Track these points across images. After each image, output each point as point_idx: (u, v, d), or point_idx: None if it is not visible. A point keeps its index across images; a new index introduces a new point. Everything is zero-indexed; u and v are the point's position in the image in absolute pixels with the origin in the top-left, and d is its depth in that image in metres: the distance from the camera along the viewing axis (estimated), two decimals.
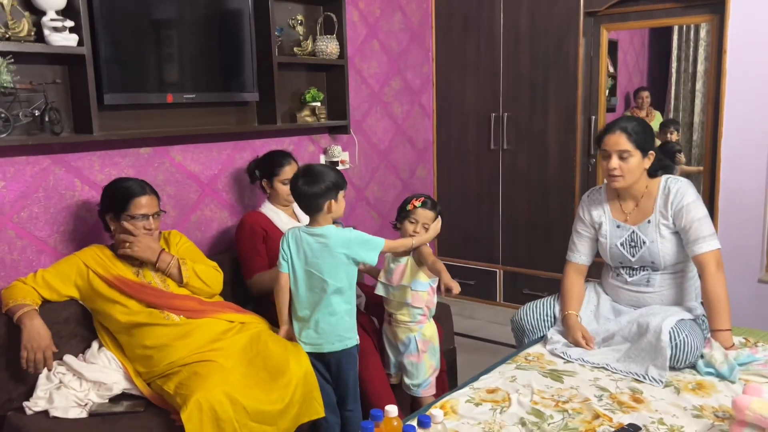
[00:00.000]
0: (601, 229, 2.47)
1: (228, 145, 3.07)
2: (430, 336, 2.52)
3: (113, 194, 2.32)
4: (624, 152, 2.27)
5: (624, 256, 2.40)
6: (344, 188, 2.28)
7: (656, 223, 2.34)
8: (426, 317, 2.51)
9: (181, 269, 2.35)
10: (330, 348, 2.27)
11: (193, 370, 2.15)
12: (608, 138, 2.30)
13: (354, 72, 3.65)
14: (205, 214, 3.01)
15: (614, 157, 2.28)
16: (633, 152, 2.27)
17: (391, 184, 4.00)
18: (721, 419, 1.80)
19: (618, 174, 2.29)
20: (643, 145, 2.28)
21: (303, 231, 2.25)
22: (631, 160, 2.27)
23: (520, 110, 3.92)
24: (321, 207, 2.21)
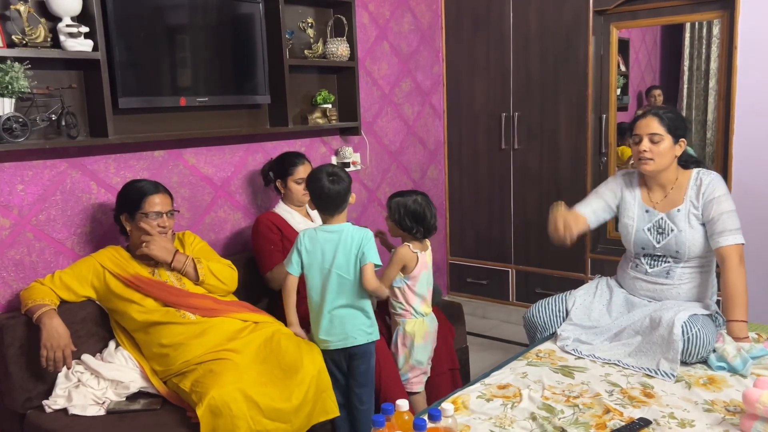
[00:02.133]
0: (627, 211, 2.48)
1: (240, 148, 3.11)
2: (410, 331, 2.54)
3: (128, 194, 2.37)
4: (655, 135, 2.29)
5: (648, 242, 2.42)
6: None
7: (686, 212, 2.35)
8: (409, 313, 2.55)
9: (197, 268, 2.39)
10: (353, 342, 2.31)
11: (208, 368, 2.18)
12: (641, 122, 2.34)
13: (364, 74, 3.68)
14: (218, 215, 3.05)
15: (645, 139, 2.31)
16: (664, 136, 2.29)
17: (402, 184, 4.02)
18: (732, 413, 1.80)
19: (648, 156, 2.31)
20: (675, 131, 2.30)
21: (319, 230, 2.29)
22: (662, 144, 2.30)
23: (531, 110, 3.92)
24: (345, 204, 2.30)
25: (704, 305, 2.34)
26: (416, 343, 2.56)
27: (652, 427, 1.74)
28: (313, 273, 2.29)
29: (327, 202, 2.29)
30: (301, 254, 2.27)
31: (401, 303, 2.56)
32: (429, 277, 2.63)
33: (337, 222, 2.32)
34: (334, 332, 2.32)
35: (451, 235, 4.40)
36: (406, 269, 2.53)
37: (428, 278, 2.63)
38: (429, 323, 2.61)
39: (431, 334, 2.61)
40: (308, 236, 2.28)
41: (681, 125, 2.35)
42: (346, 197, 2.31)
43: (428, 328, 2.60)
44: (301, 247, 2.27)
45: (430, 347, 2.62)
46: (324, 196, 2.28)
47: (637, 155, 2.36)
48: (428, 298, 2.63)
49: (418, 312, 2.58)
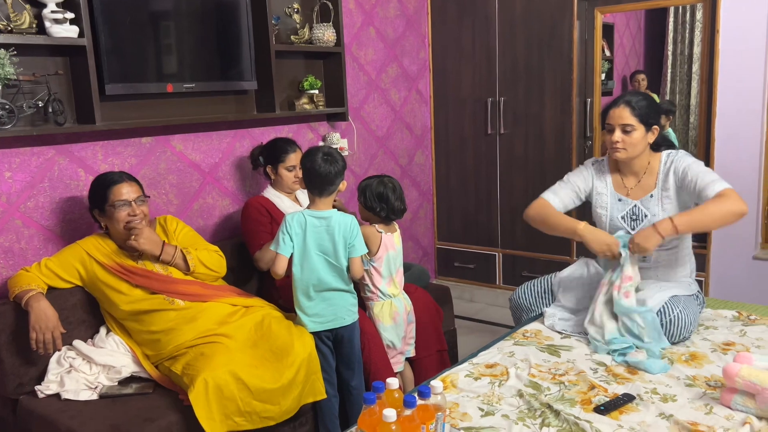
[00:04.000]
0: (600, 201, 2.49)
1: (228, 134, 3.11)
2: (378, 313, 2.58)
3: (94, 189, 2.36)
4: (627, 126, 2.29)
5: (623, 230, 2.43)
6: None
7: (659, 197, 2.36)
8: (376, 295, 2.59)
9: (187, 259, 2.40)
10: (342, 323, 2.37)
11: (199, 351, 2.20)
12: (612, 111, 2.34)
13: (351, 59, 3.69)
14: (207, 202, 3.05)
15: (617, 130, 2.31)
16: (636, 126, 2.29)
17: (390, 170, 4.04)
18: (712, 388, 1.86)
19: (621, 147, 2.32)
20: (647, 119, 2.30)
21: (308, 215, 2.31)
22: (634, 134, 2.30)
23: (517, 94, 3.95)
24: (334, 188, 2.33)
25: (685, 285, 2.38)
26: (385, 324, 2.60)
27: (636, 402, 1.79)
28: (302, 257, 2.31)
29: (317, 181, 2.31)
30: (292, 237, 2.29)
31: (368, 285, 2.59)
32: (396, 258, 2.65)
33: (323, 205, 2.34)
34: (324, 313, 2.36)
35: (438, 220, 4.43)
36: (369, 250, 2.55)
37: (395, 260, 2.65)
38: (398, 304, 2.63)
39: (401, 315, 2.64)
40: (297, 221, 2.30)
41: (653, 113, 2.34)
42: (337, 180, 2.33)
43: (397, 309, 2.63)
44: (291, 231, 2.28)
45: (401, 328, 2.64)
46: (315, 174, 2.30)
47: (610, 145, 2.36)
48: (397, 279, 2.66)
49: (386, 294, 2.61)
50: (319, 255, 2.31)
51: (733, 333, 2.26)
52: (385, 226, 2.61)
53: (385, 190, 2.57)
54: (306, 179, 2.34)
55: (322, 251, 2.31)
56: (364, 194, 2.58)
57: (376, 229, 2.57)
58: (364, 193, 2.59)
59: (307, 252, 2.30)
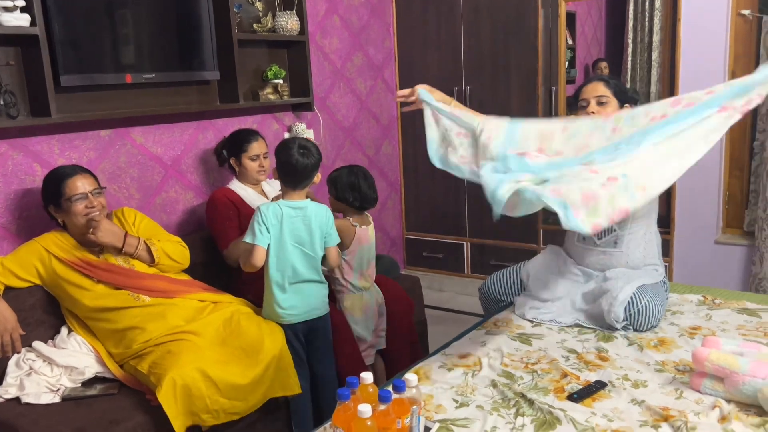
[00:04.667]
0: None
1: (190, 125, 3.04)
2: (348, 307, 2.57)
3: (47, 185, 2.28)
4: (602, 97, 2.30)
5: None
6: None
7: None
8: (347, 288, 2.57)
9: (151, 250, 2.33)
10: (316, 314, 2.34)
11: (167, 349, 2.15)
12: (586, 87, 2.35)
13: (315, 48, 3.63)
14: (170, 195, 2.98)
15: (593, 102, 2.32)
16: (610, 99, 2.30)
17: (357, 161, 4.00)
18: (682, 372, 1.88)
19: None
20: (620, 95, 2.32)
21: (284, 205, 2.27)
22: (608, 107, 2.30)
23: (482, 83, 3.95)
24: (309, 181, 2.30)
25: (652, 273, 2.40)
26: (355, 317, 2.58)
27: (608, 389, 1.80)
28: (277, 248, 2.27)
29: (292, 175, 2.27)
30: (269, 228, 2.24)
31: (338, 278, 2.57)
32: (369, 251, 2.64)
33: (298, 197, 2.31)
34: (298, 305, 2.32)
35: (406, 210, 4.41)
36: (342, 244, 2.53)
37: (368, 253, 2.63)
38: (369, 297, 2.63)
39: (372, 308, 2.63)
40: (273, 212, 2.25)
41: (625, 91, 2.37)
42: (312, 173, 2.30)
43: (368, 302, 2.62)
44: (267, 222, 2.24)
45: (371, 321, 2.64)
46: (290, 168, 2.26)
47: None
48: (368, 273, 2.64)
49: (356, 287, 2.59)
50: (295, 246, 2.27)
51: (699, 317, 2.29)
52: (359, 219, 2.58)
53: (356, 180, 2.55)
54: (281, 173, 2.29)
55: (298, 242, 2.28)
56: (335, 185, 2.55)
57: (350, 223, 2.54)
58: (335, 185, 2.55)
59: (283, 243, 2.26)
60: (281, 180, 2.33)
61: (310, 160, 2.28)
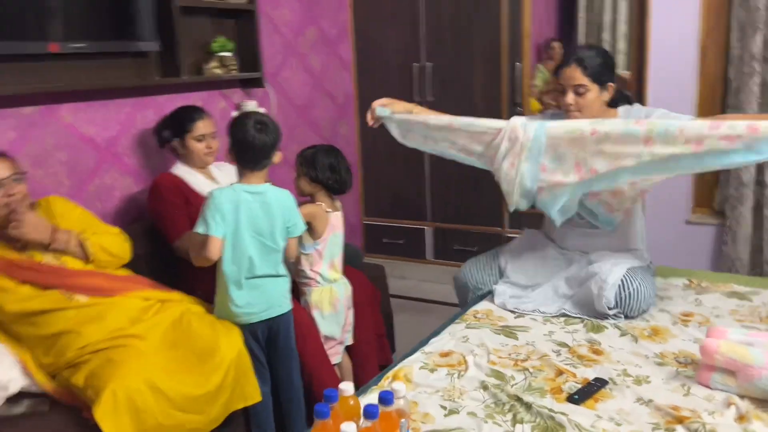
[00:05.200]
0: None
1: (127, 103, 2.71)
2: (316, 300, 2.36)
3: None
4: (579, 87, 2.14)
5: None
6: None
7: None
8: (314, 281, 2.36)
9: (85, 245, 2.03)
10: (278, 311, 2.11)
11: (106, 356, 1.87)
12: (564, 71, 2.16)
13: (266, 19, 3.34)
14: (105, 181, 2.66)
15: (569, 92, 2.16)
16: (589, 86, 2.13)
17: (312, 142, 3.72)
18: (683, 365, 1.73)
19: (574, 109, 2.17)
20: (600, 77, 2.14)
21: (239, 190, 2.01)
22: (587, 95, 2.14)
23: (444, 59, 3.74)
24: (268, 161, 2.05)
25: (638, 255, 2.27)
26: (324, 312, 2.36)
27: (609, 387, 1.64)
28: (232, 238, 2.01)
29: (250, 154, 2.02)
30: (224, 216, 1.98)
31: (305, 270, 2.34)
32: (340, 239, 2.43)
33: (256, 179, 2.06)
34: (257, 303, 2.08)
35: (365, 194, 4.18)
36: (314, 232, 2.32)
37: (339, 241, 2.43)
38: (338, 290, 2.41)
39: (341, 301, 2.42)
40: (227, 197, 1.99)
41: (606, 69, 2.18)
42: (271, 152, 2.06)
43: (337, 294, 2.40)
44: (222, 208, 1.97)
45: (341, 316, 2.42)
46: (247, 146, 2.00)
47: (564, 106, 2.21)
48: (337, 263, 2.43)
49: (326, 278, 2.38)
50: (253, 236, 2.03)
51: (688, 302, 2.16)
52: (330, 203, 2.35)
53: (336, 161, 2.33)
54: (237, 152, 2.04)
55: (257, 232, 2.03)
56: (313, 165, 2.32)
57: (323, 208, 2.30)
58: (313, 164, 2.32)
59: (240, 233, 2.00)
60: (237, 160, 2.07)
61: (269, 136, 2.03)
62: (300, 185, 2.37)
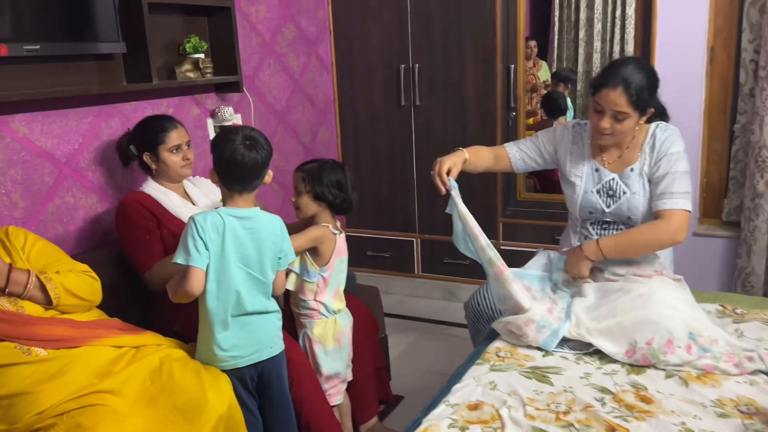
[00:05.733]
0: (575, 169, 2.15)
1: (90, 111, 2.39)
2: (319, 336, 2.12)
3: None
4: (620, 114, 1.93)
5: (597, 206, 2.11)
6: None
7: (640, 171, 2.05)
8: (317, 312, 2.12)
9: (47, 288, 1.72)
10: (269, 353, 1.85)
11: (75, 421, 1.57)
12: (606, 93, 1.93)
13: (241, 17, 3.04)
14: (66, 201, 2.33)
15: (607, 116, 1.95)
16: (630, 114, 1.93)
17: (292, 150, 3.46)
18: (748, 415, 1.53)
19: (608, 133, 1.98)
20: (645, 105, 1.95)
21: (226, 214, 1.75)
22: (626, 122, 1.95)
23: (433, 60, 3.49)
24: (259, 181, 1.80)
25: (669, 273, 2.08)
26: (328, 348, 2.11)
27: None
28: (217, 271, 1.73)
29: (239, 174, 1.76)
30: (207, 245, 1.70)
31: (307, 300, 2.08)
32: (345, 265, 2.20)
33: (245, 204, 1.80)
34: (245, 344, 1.82)
35: None
36: (320, 257, 2.07)
37: (344, 267, 2.19)
38: (342, 322, 2.18)
39: (346, 334, 2.18)
40: (212, 223, 1.72)
41: (651, 94, 1.97)
42: (263, 171, 1.80)
43: (342, 327, 2.17)
44: (205, 236, 1.70)
45: (346, 350, 2.18)
46: (236, 166, 1.74)
47: (597, 128, 2.00)
48: (341, 292, 2.18)
49: (330, 310, 2.13)
50: (240, 268, 1.76)
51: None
52: (335, 225, 2.11)
53: (343, 178, 2.08)
54: (222, 172, 1.77)
55: (245, 263, 1.77)
56: (319, 181, 2.06)
57: (330, 230, 2.05)
58: (319, 180, 2.06)
59: (226, 264, 1.73)
60: (222, 182, 1.80)
61: (260, 153, 1.77)
62: (301, 204, 2.09)
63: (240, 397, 1.81)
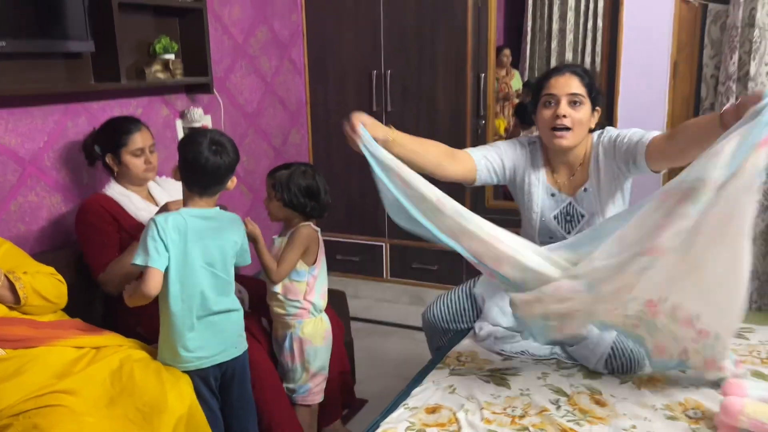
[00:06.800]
0: (532, 195, 2.02)
1: (56, 110, 2.38)
2: (309, 334, 2.14)
3: None
4: (577, 95, 1.84)
5: (556, 232, 2.01)
6: None
7: (595, 189, 1.94)
8: (307, 311, 2.14)
9: (15, 288, 1.71)
10: (233, 353, 1.88)
11: (31, 421, 1.56)
12: (556, 80, 1.86)
13: (213, 18, 3.04)
14: (29, 200, 2.31)
15: (564, 101, 1.85)
16: (585, 100, 1.86)
17: (262, 152, 3.46)
18: (695, 420, 1.58)
19: (567, 124, 1.85)
20: (594, 96, 1.89)
21: (188, 215, 1.77)
22: (582, 110, 1.85)
23: (405, 66, 3.53)
24: (223, 186, 1.83)
25: None
26: (317, 345, 2.14)
27: None
28: (180, 272, 1.74)
29: (202, 177, 1.78)
30: (167, 246, 1.71)
31: (298, 300, 2.10)
32: (325, 263, 2.23)
33: (205, 205, 1.82)
34: (210, 345, 1.83)
35: None
36: (309, 256, 2.10)
37: (325, 266, 2.22)
38: (326, 320, 2.23)
39: (329, 332, 2.23)
40: (173, 224, 1.73)
41: (597, 89, 1.94)
42: (227, 177, 1.82)
43: (327, 325, 2.23)
44: (166, 237, 1.70)
45: (330, 348, 2.24)
46: (200, 169, 1.75)
47: (551, 123, 1.88)
48: (325, 290, 2.23)
49: (318, 308, 2.17)
50: (204, 268, 1.78)
51: None
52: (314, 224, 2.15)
53: (314, 183, 2.10)
54: (186, 174, 1.79)
55: (209, 262, 1.79)
56: (287, 188, 2.08)
57: (313, 228, 2.09)
58: (287, 188, 2.08)
59: (190, 265, 1.75)
60: (185, 183, 1.81)
61: (224, 159, 1.78)
62: (272, 209, 2.12)
63: (202, 397, 1.82)
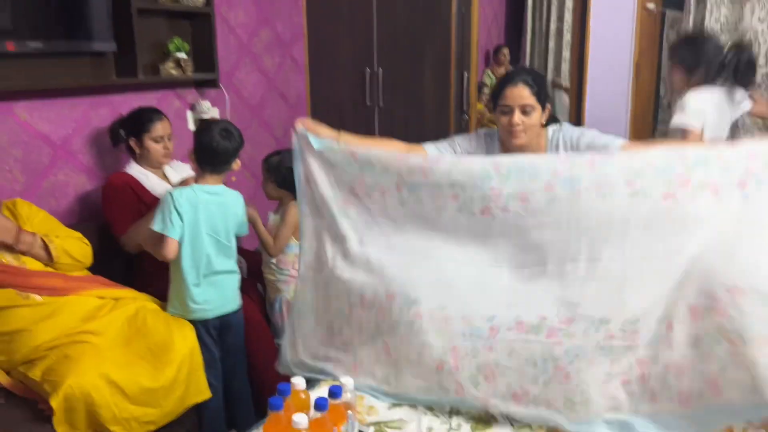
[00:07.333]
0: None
1: (83, 102, 2.75)
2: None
3: None
4: (527, 106, 2.12)
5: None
6: None
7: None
8: (294, 278, 2.46)
9: (49, 248, 2.08)
10: (231, 307, 2.25)
11: (62, 353, 1.93)
12: (510, 91, 2.14)
13: (221, 21, 3.40)
14: (59, 179, 2.69)
15: (517, 111, 2.12)
16: (535, 106, 2.13)
17: (265, 142, 3.82)
18: None
19: (521, 130, 2.13)
20: (544, 99, 2.17)
21: (199, 190, 2.14)
22: (533, 115, 2.13)
23: (396, 65, 3.87)
24: (228, 166, 2.20)
25: None
26: None
27: None
28: (191, 238, 2.12)
29: (211, 158, 2.16)
30: (182, 216, 2.08)
31: (287, 269, 2.46)
32: None
33: (213, 182, 2.19)
34: (213, 299, 2.20)
35: None
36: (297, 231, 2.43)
37: None
38: None
39: None
40: (186, 198, 2.10)
41: (545, 89, 2.21)
42: (232, 158, 2.19)
43: None
44: (180, 209, 2.07)
45: None
46: (210, 150, 2.14)
47: (508, 128, 2.15)
48: None
49: None
50: (209, 235, 2.15)
51: None
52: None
53: None
54: (199, 155, 2.16)
55: (213, 231, 2.16)
56: (278, 172, 2.46)
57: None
58: (278, 171, 2.46)
59: (198, 233, 2.12)
60: (198, 162, 2.19)
61: (231, 143, 2.17)
62: (267, 190, 2.49)
63: (204, 343, 2.18)
